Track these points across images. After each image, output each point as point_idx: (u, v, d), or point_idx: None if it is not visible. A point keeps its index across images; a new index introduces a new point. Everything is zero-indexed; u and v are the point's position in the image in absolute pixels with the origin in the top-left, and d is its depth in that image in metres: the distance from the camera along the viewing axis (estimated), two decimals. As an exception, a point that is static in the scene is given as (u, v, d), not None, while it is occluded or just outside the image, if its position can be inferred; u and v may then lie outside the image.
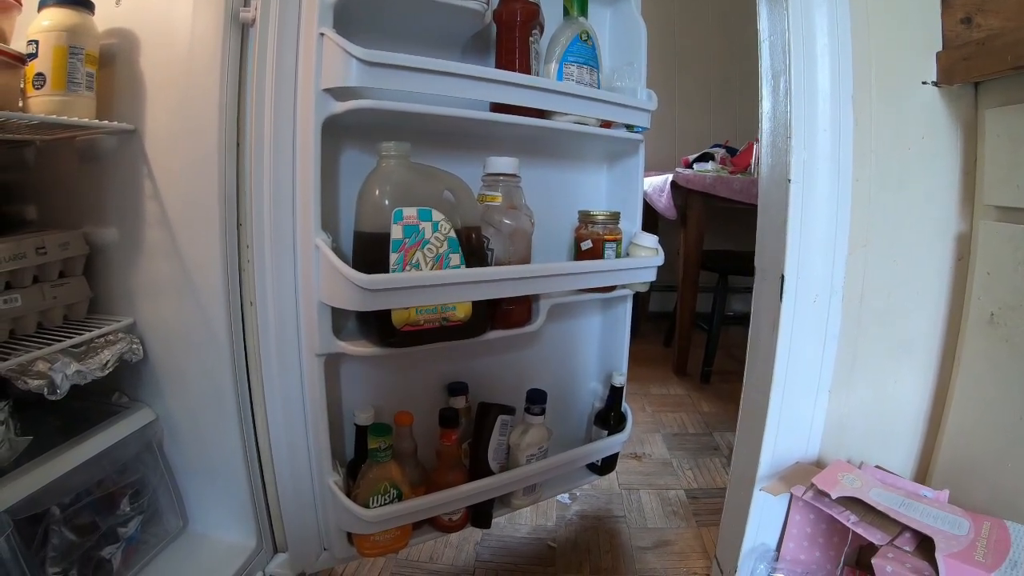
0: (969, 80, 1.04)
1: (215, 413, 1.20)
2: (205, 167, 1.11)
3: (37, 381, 1.02)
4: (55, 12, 1.07)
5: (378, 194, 1.05)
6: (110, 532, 1.16)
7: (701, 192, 2.66)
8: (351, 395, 1.28)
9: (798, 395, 1.14)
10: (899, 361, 1.14)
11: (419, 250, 1.05)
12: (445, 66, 1.05)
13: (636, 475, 1.89)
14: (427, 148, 1.21)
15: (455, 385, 1.38)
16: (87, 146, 1.22)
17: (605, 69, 1.38)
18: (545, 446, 1.40)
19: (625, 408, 1.59)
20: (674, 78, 3.77)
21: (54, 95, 1.06)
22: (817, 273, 1.10)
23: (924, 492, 1.05)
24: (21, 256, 1.07)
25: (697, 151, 3.16)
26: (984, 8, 1.04)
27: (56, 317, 1.17)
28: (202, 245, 1.14)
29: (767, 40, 1.15)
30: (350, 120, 1.07)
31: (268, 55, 1.03)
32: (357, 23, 1.10)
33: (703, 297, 2.90)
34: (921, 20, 1.07)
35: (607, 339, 1.65)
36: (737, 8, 3.51)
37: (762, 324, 1.18)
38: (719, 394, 2.63)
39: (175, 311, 1.20)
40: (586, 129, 1.28)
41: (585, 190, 1.53)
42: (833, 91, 1.07)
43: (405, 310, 1.07)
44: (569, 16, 1.30)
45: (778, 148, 1.12)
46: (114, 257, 1.23)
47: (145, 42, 1.16)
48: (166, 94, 1.15)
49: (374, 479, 1.17)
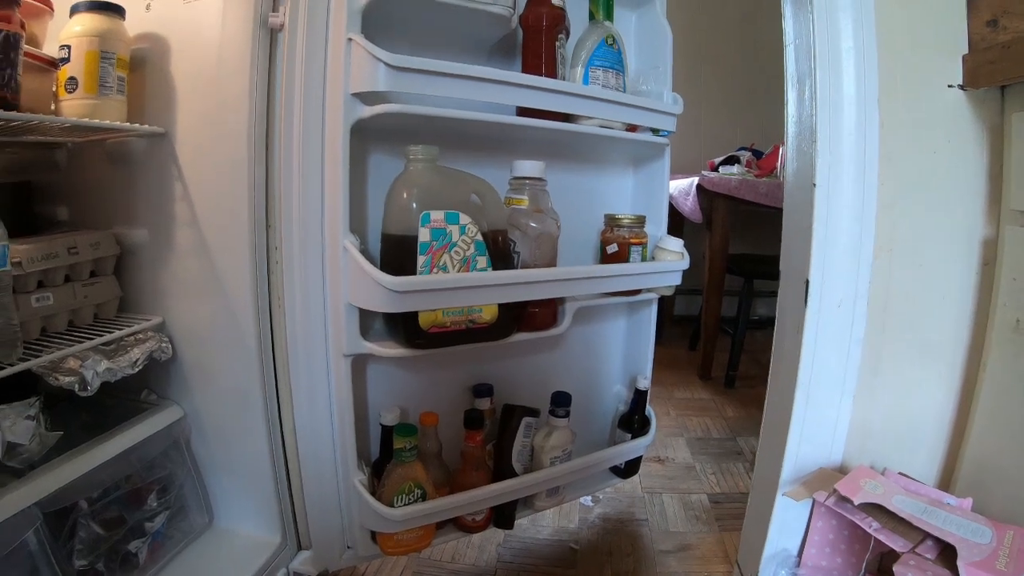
0: (995, 83, 1.04)
1: (242, 411, 1.24)
2: (235, 170, 1.15)
3: (68, 378, 1.06)
4: (87, 17, 1.11)
5: (406, 197, 1.09)
6: (137, 527, 1.20)
7: (727, 195, 2.68)
8: (377, 395, 1.32)
9: (822, 400, 1.16)
10: (923, 367, 1.15)
11: (446, 253, 1.08)
12: (472, 71, 1.08)
13: (659, 479, 1.91)
14: (454, 151, 1.24)
15: (480, 387, 1.41)
16: (118, 148, 1.26)
17: (631, 73, 1.41)
18: (569, 448, 1.43)
19: (649, 412, 1.61)
20: (699, 80, 3.77)
21: (86, 99, 1.10)
22: (842, 278, 1.12)
23: (947, 499, 1.06)
24: (53, 256, 1.12)
25: (723, 154, 3.16)
26: (1010, 10, 1.04)
27: (87, 315, 1.21)
28: (231, 246, 1.18)
29: (792, 44, 1.17)
30: (378, 124, 1.10)
31: (297, 60, 1.08)
32: (384, 27, 1.13)
33: (728, 301, 2.92)
34: (947, 23, 1.08)
35: (632, 342, 1.67)
36: (762, 10, 3.51)
37: (786, 329, 1.20)
38: (743, 399, 2.64)
39: (204, 311, 1.24)
40: (612, 133, 1.31)
41: (611, 193, 1.56)
42: (858, 95, 1.08)
43: (432, 312, 1.10)
44: (595, 20, 1.33)
45: (803, 152, 1.14)
46: (144, 257, 1.27)
47: (175, 47, 1.20)
48: (196, 98, 1.18)
49: (399, 478, 1.20)
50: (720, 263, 2.78)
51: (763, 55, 3.61)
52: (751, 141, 3.32)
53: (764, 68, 3.61)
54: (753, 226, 3.06)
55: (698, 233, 2.90)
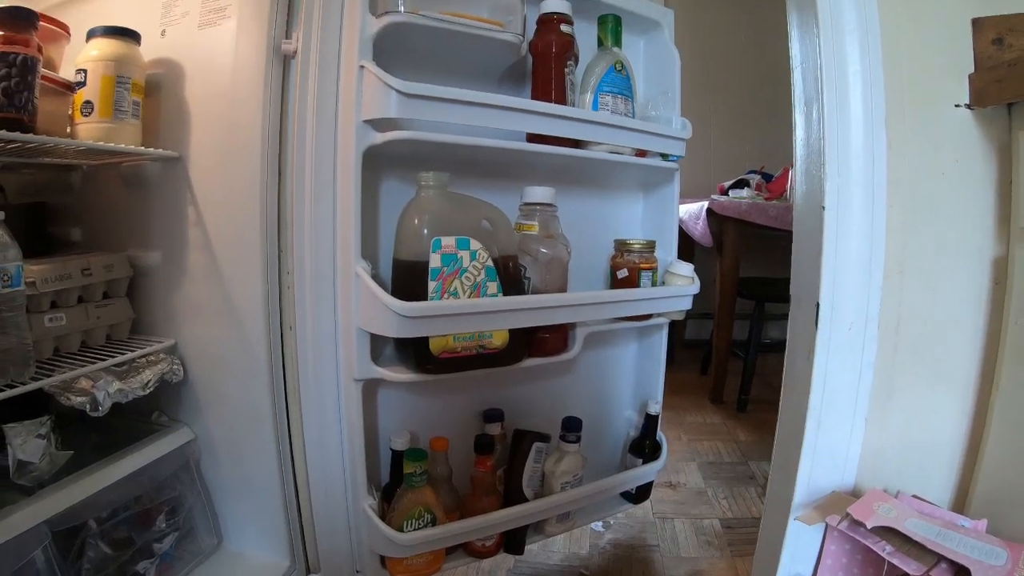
0: (1002, 102, 1.04)
1: (253, 434, 1.25)
2: (247, 194, 1.17)
3: (80, 398, 1.08)
4: (103, 42, 1.14)
5: (417, 223, 1.10)
6: (145, 547, 1.21)
7: (737, 219, 2.68)
8: (387, 420, 1.32)
9: (834, 424, 1.15)
10: (936, 388, 1.15)
11: (457, 278, 1.09)
12: (482, 97, 1.10)
13: (670, 504, 1.91)
14: (465, 177, 1.25)
15: (491, 412, 1.42)
16: (132, 172, 1.28)
17: (639, 98, 1.42)
18: (580, 474, 1.43)
19: (660, 436, 1.60)
20: (708, 104, 3.79)
21: (101, 122, 1.13)
22: (852, 300, 1.11)
23: (962, 522, 1.04)
24: (67, 277, 1.14)
25: (732, 177, 3.17)
26: (1016, 28, 1.05)
27: (99, 336, 1.23)
28: (243, 270, 1.20)
29: (799, 67, 1.17)
30: (390, 150, 1.12)
31: (309, 86, 1.09)
32: (396, 55, 1.15)
33: (739, 324, 2.91)
34: (953, 42, 1.08)
35: (643, 367, 1.68)
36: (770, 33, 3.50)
37: (797, 352, 1.19)
38: (755, 423, 2.63)
39: (216, 334, 1.25)
40: (621, 158, 1.32)
41: (621, 218, 1.57)
42: (866, 117, 1.08)
43: (443, 337, 1.11)
44: (603, 47, 1.34)
45: (812, 175, 1.14)
46: (157, 280, 1.29)
47: (189, 72, 1.22)
48: (210, 123, 1.21)
49: (409, 503, 1.20)
50: (731, 287, 2.78)
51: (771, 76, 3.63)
52: (761, 164, 3.33)
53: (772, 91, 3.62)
54: (764, 249, 3.06)
55: (708, 257, 2.91)
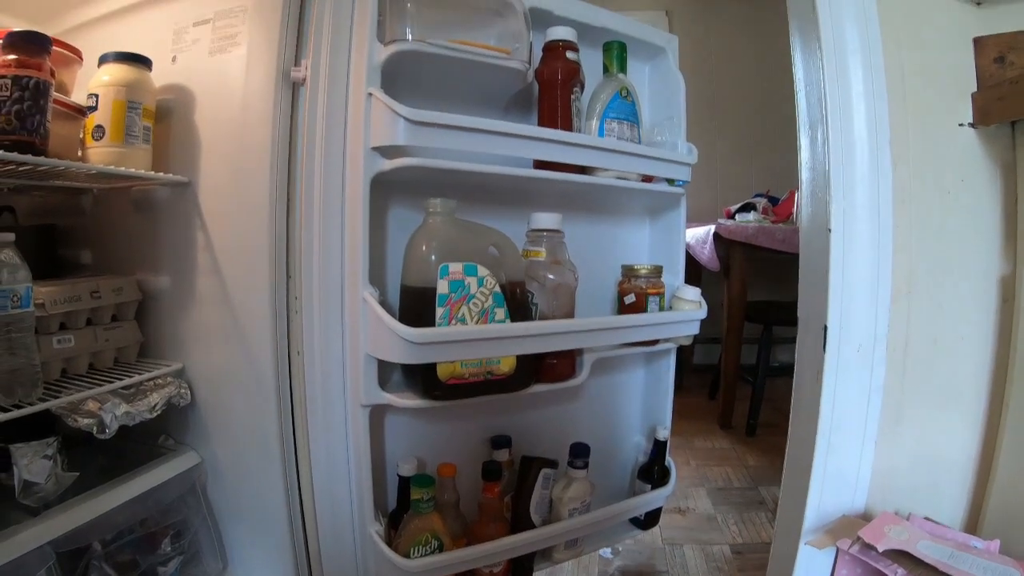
0: (1005, 119, 1.06)
1: (259, 459, 1.25)
2: (256, 220, 1.18)
3: (87, 420, 1.09)
4: (115, 68, 1.16)
5: (424, 249, 1.11)
6: (150, 571, 1.21)
7: (744, 243, 2.69)
8: (395, 445, 1.32)
9: (843, 447, 1.15)
10: (946, 409, 1.15)
11: (464, 304, 1.10)
12: (489, 124, 1.11)
13: (680, 530, 1.90)
14: (472, 204, 1.25)
15: (498, 438, 1.41)
16: (142, 196, 1.31)
17: (645, 123, 1.43)
18: (588, 500, 1.42)
19: (669, 462, 1.60)
20: (714, 128, 3.83)
21: (112, 147, 1.15)
22: (860, 322, 1.11)
23: (974, 543, 1.04)
24: (76, 299, 1.15)
25: (739, 200, 3.19)
26: (1016, 46, 1.07)
27: (107, 359, 1.25)
28: (251, 295, 1.20)
29: (803, 90, 1.18)
30: (397, 176, 1.13)
31: (318, 113, 1.11)
32: (403, 82, 1.16)
33: (748, 349, 2.91)
34: (955, 62, 1.10)
35: (651, 392, 1.67)
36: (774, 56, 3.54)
37: (805, 375, 1.19)
38: (765, 447, 2.62)
39: (223, 358, 1.26)
40: (628, 184, 1.33)
41: (628, 244, 1.58)
42: (870, 138, 1.09)
43: (450, 363, 1.11)
44: (608, 73, 1.36)
45: (817, 197, 1.15)
46: (166, 303, 1.31)
47: (200, 98, 1.25)
48: (219, 148, 1.23)
49: (416, 530, 1.19)
50: (739, 311, 2.79)
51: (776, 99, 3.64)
52: (767, 187, 3.34)
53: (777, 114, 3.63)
54: (771, 273, 3.06)
55: (716, 281, 2.91)
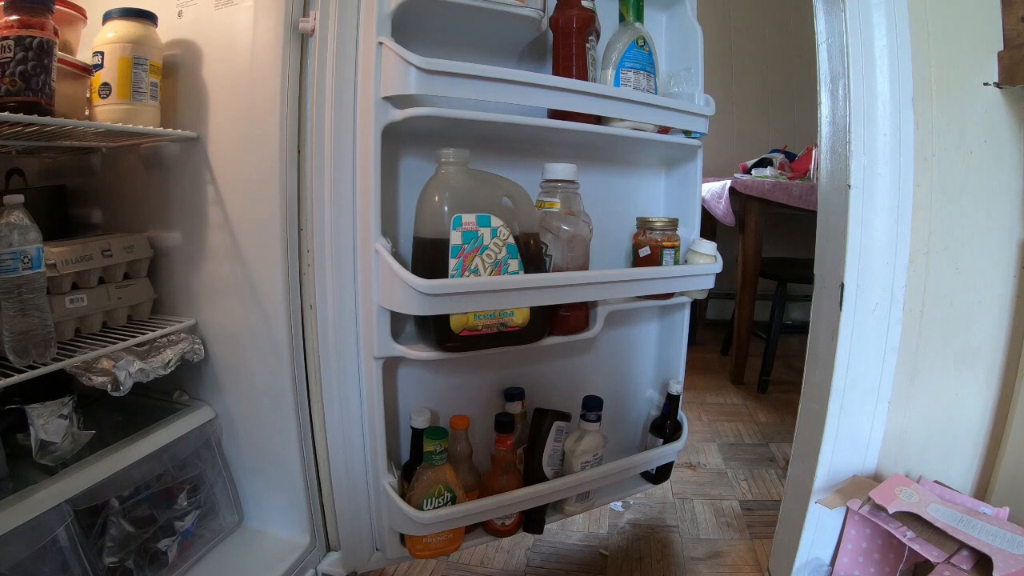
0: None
1: (273, 413, 1.28)
2: (267, 173, 1.19)
3: (101, 378, 1.10)
4: (120, 24, 1.15)
5: (437, 200, 1.11)
6: (167, 525, 1.24)
7: (759, 198, 2.68)
8: (408, 398, 1.34)
9: (857, 407, 1.16)
10: (961, 373, 1.15)
11: (478, 256, 1.10)
12: (503, 73, 1.10)
13: (690, 485, 1.93)
14: (485, 154, 1.26)
15: (511, 390, 1.43)
16: (151, 153, 1.30)
17: (662, 74, 1.42)
18: (600, 453, 1.45)
19: (681, 417, 1.62)
20: (731, 82, 3.78)
21: (119, 104, 1.15)
22: (877, 281, 1.11)
23: (983, 509, 1.05)
24: (87, 258, 1.16)
25: (755, 156, 3.15)
26: None
27: (120, 317, 1.26)
28: (263, 249, 1.22)
29: (825, 43, 1.16)
30: (409, 127, 1.12)
31: (328, 64, 1.10)
32: (414, 31, 1.15)
33: (761, 305, 2.91)
34: (981, 20, 1.07)
35: (664, 346, 1.68)
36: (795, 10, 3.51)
37: (821, 333, 1.19)
38: (776, 404, 2.64)
39: (236, 313, 1.28)
40: (644, 135, 1.32)
41: (643, 196, 1.57)
42: (893, 95, 1.08)
43: (463, 315, 1.12)
44: (625, 22, 1.34)
45: (837, 153, 1.14)
46: (177, 260, 1.32)
47: (207, 53, 1.24)
48: (228, 103, 1.22)
49: (429, 482, 1.22)
50: (753, 267, 2.78)
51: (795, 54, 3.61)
52: (784, 143, 3.31)
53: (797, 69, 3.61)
54: (786, 229, 3.05)
55: (731, 236, 2.90)
